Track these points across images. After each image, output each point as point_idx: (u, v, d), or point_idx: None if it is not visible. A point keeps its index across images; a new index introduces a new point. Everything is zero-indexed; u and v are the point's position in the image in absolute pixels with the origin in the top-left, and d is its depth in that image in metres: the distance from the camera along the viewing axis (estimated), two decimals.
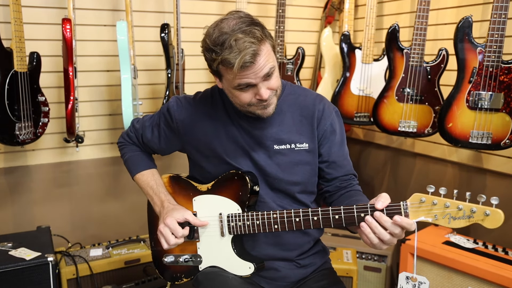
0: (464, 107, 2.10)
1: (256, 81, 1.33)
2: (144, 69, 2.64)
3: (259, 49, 1.30)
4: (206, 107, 1.56)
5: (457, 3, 2.45)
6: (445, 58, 2.27)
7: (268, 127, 1.49)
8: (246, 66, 1.29)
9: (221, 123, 1.53)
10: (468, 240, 2.25)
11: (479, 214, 1.23)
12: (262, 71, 1.32)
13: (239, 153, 1.51)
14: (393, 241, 1.28)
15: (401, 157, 2.91)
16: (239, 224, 1.45)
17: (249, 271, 1.47)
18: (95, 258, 2.29)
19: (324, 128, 1.51)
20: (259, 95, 1.36)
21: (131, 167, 1.70)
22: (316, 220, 1.34)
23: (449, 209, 1.22)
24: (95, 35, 2.50)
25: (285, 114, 1.51)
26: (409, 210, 1.24)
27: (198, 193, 1.55)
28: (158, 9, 2.63)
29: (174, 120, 1.57)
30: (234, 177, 1.48)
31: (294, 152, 1.50)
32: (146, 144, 1.68)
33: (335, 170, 1.54)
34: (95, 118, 2.58)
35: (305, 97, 1.54)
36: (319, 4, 3.11)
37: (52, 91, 2.42)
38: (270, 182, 1.51)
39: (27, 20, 2.24)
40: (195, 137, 1.56)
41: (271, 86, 1.37)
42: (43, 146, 2.46)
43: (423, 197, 1.23)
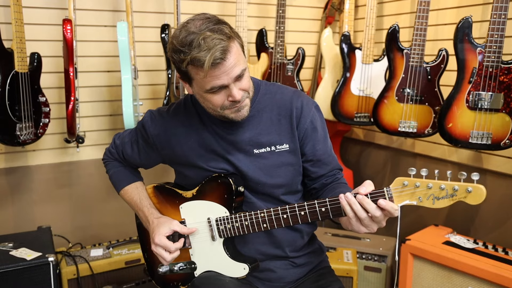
0: (464, 107, 2.11)
1: (228, 81, 1.30)
2: (145, 69, 2.64)
3: (229, 45, 1.27)
4: (179, 118, 1.53)
5: (457, 3, 2.45)
6: (445, 59, 2.27)
7: (245, 131, 1.46)
8: (216, 64, 1.25)
9: (195, 132, 1.50)
10: (468, 240, 2.25)
11: (461, 192, 1.20)
12: (234, 71, 1.29)
13: (219, 160, 1.49)
14: (372, 226, 1.27)
15: (401, 157, 2.92)
16: (228, 227, 1.45)
17: (244, 272, 1.47)
18: (95, 258, 2.29)
19: (304, 126, 1.46)
20: (232, 96, 1.32)
21: (115, 184, 1.70)
22: (303, 215, 1.33)
23: (432, 190, 1.21)
24: (95, 35, 2.50)
25: (261, 115, 1.47)
26: (393, 194, 1.24)
27: (184, 200, 1.54)
28: (159, 10, 2.63)
29: (149, 136, 1.55)
30: (218, 180, 1.47)
31: (275, 154, 1.46)
32: (128, 159, 1.67)
33: (321, 168, 1.52)
34: (96, 118, 2.58)
35: (282, 95, 1.49)
36: (319, 4, 3.11)
37: (53, 92, 2.42)
38: (253, 187, 1.49)
39: (28, 20, 2.25)
40: (171, 149, 1.53)
41: (242, 87, 1.34)
42: (43, 147, 2.47)
43: (406, 181, 1.24)
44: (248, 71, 1.38)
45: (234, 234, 1.45)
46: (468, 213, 2.52)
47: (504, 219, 2.35)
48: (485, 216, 2.44)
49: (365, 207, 1.25)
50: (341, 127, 2.95)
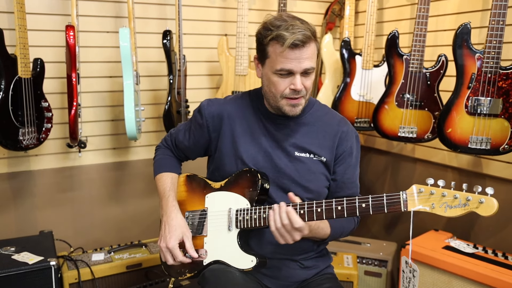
0: (463, 113, 2.12)
1: (296, 69, 1.43)
2: (147, 75, 2.66)
3: (310, 40, 1.42)
4: (235, 107, 1.64)
5: (456, 9, 2.47)
6: (444, 64, 2.29)
7: (292, 134, 1.59)
8: (295, 46, 1.39)
9: (248, 124, 1.61)
10: (468, 245, 2.26)
11: (474, 202, 1.27)
12: (305, 63, 1.43)
13: (261, 154, 1.59)
14: (283, 233, 1.41)
15: (401, 162, 2.93)
16: (246, 218, 1.52)
17: (251, 264, 1.51)
18: (97, 263, 2.30)
19: (344, 149, 1.61)
20: (294, 84, 1.44)
21: (155, 168, 1.77)
22: (319, 212, 1.40)
23: (446, 198, 1.27)
24: (98, 41, 2.52)
25: (311, 126, 1.60)
26: (408, 198, 1.31)
27: (211, 190, 1.64)
28: (161, 16, 2.66)
29: (204, 118, 1.64)
30: (246, 174, 1.56)
31: (312, 161, 1.59)
32: (178, 146, 1.77)
33: (342, 190, 1.64)
34: (98, 123, 2.60)
35: (331, 117, 1.66)
36: (320, 10, 3.13)
37: (56, 97, 2.44)
38: (287, 186, 1.58)
39: (31, 27, 2.27)
40: (222, 134, 1.62)
41: (305, 84, 1.46)
42: (46, 151, 2.48)
43: (422, 188, 1.29)
44: (315, 74, 1.53)
45: (250, 225, 1.51)
46: (468, 218, 2.52)
47: (504, 224, 2.35)
48: (485, 221, 2.45)
49: (281, 215, 1.40)
50: None
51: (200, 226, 1.62)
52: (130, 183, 2.76)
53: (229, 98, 1.69)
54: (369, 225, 3.17)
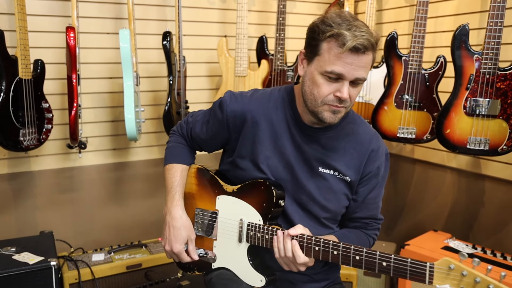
0: (462, 114, 2.13)
1: (347, 75, 1.28)
2: (147, 76, 2.67)
3: (372, 49, 1.28)
4: (261, 108, 1.49)
5: (455, 11, 2.49)
6: (443, 65, 2.30)
7: (320, 147, 1.47)
8: (356, 50, 1.25)
9: (273, 130, 1.48)
10: (467, 246, 2.27)
11: None
12: (359, 72, 1.29)
13: (282, 164, 1.48)
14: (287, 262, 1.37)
15: (400, 163, 2.94)
16: (258, 236, 1.44)
17: (260, 284, 1.46)
18: (97, 263, 2.31)
19: (370, 169, 1.49)
20: (340, 92, 1.30)
21: (166, 156, 1.67)
22: (335, 255, 1.30)
23: (479, 285, 1.10)
24: (98, 42, 2.53)
25: (340, 142, 1.48)
26: (435, 273, 1.15)
27: (223, 192, 1.55)
28: (160, 17, 2.67)
29: (224, 114, 1.50)
30: (261, 187, 1.46)
31: (335, 179, 1.48)
32: (194, 138, 1.65)
33: (361, 210, 1.55)
34: (98, 124, 2.61)
35: (364, 131, 1.51)
36: (319, 12, 3.14)
37: (56, 98, 2.45)
38: (304, 202, 1.49)
39: (32, 28, 2.28)
40: (243, 136, 1.50)
41: (352, 94, 1.33)
42: (46, 152, 2.49)
43: (452, 264, 1.13)
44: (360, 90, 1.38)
45: (261, 244, 1.44)
46: (467, 218, 2.54)
47: (502, 224, 2.36)
48: (484, 222, 2.46)
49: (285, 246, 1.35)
50: None
51: (210, 228, 1.57)
52: (130, 184, 2.77)
53: (257, 95, 1.53)
54: None
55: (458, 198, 2.59)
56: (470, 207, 2.53)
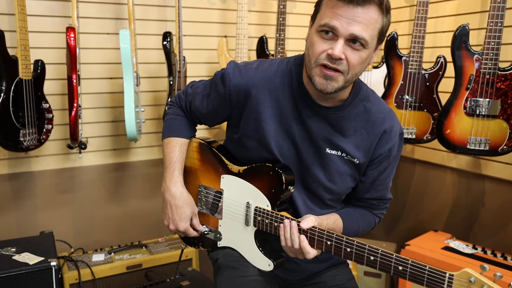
0: (462, 114, 2.13)
1: (341, 29, 1.18)
2: (147, 76, 2.67)
3: (372, 3, 1.18)
4: (267, 83, 1.39)
5: (455, 11, 2.49)
6: (443, 66, 2.30)
7: (329, 126, 1.38)
8: (351, 1, 1.16)
9: (278, 106, 1.39)
10: (467, 246, 2.27)
11: None
12: (353, 27, 1.17)
13: (288, 143, 1.41)
14: (293, 251, 1.33)
15: (401, 163, 2.92)
16: (266, 222, 1.39)
17: (268, 268, 1.43)
18: (97, 263, 2.31)
19: (382, 152, 1.40)
20: (332, 49, 1.19)
21: (165, 130, 1.59)
22: (348, 252, 1.25)
23: None
24: (98, 43, 2.53)
25: (350, 121, 1.38)
26: (454, 284, 1.10)
27: (228, 172, 1.49)
28: (161, 18, 2.67)
29: (227, 88, 1.41)
30: (269, 172, 1.39)
31: (342, 161, 1.40)
32: (193, 111, 1.56)
33: (369, 192, 1.49)
34: (98, 124, 2.61)
35: (378, 109, 1.40)
36: None
37: (56, 98, 2.45)
38: (308, 183, 1.43)
39: (32, 28, 2.28)
40: (246, 113, 1.42)
41: (349, 57, 1.21)
42: (46, 153, 2.49)
43: (473, 277, 1.08)
44: (368, 56, 1.25)
45: (269, 231, 1.39)
46: (468, 219, 2.54)
47: (503, 224, 2.36)
48: (484, 222, 2.46)
49: (292, 235, 1.31)
50: None
51: (214, 207, 1.52)
52: (130, 184, 2.77)
53: (263, 67, 1.42)
54: None
55: (458, 198, 2.59)
56: (470, 207, 2.53)
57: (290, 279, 1.57)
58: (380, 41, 1.27)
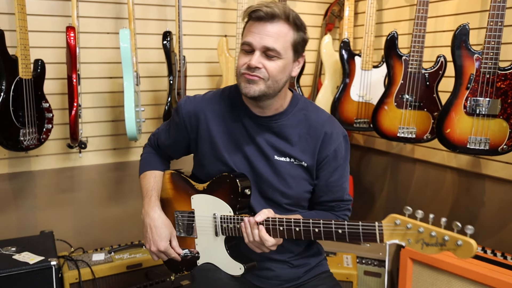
0: (462, 113, 2.13)
1: (255, 43, 1.38)
2: (147, 76, 2.68)
3: (279, 19, 1.37)
4: (214, 105, 1.58)
5: (455, 10, 2.48)
6: (443, 65, 2.29)
7: (274, 136, 1.52)
8: (260, 18, 1.37)
9: (227, 125, 1.55)
10: None
11: (451, 243, 1.18)
12: (266, 40, 1.37)
13: (239, 157, 1.54)
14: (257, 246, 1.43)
15: (401, 162, 2.93)
16: (230, 226, 1.50)
17: (239, 272, 1.53)
18: (97, 263, 2.31)
19: (327, 153, 1.52)
20: (250, 60, 1.38)
21: (140, 167, 1.74)
22: (298, 231, 1.37)
23: (423, 235, 1.19)
24: (98, 42, 2.53)
25: (293, 129, 1.52)
26: (384, 231, 1.24)
27: (196, 191, 1.61)
28: (161, 17, 2.67)
29: (181, 117, 1.59)
30: (226, 180, 1.52)
31: (292, 166, 1.52)
32: (161, 146, 1.73)
33: (325, 194, 1.58)
34: (98, 124, 2.61)
35: (317, 116, 1.55)
36: (320, 11, 3.15)
37: (56, 98, 2.45)
38: (264, 190, 1.54)
39: (32, 28, 2.28)
40: (200, 134, 1.58)
41: (267, 66, 1.39)
42: (46, 152, 2.49)
43: (398, 219, 1.22)
44: (286, 65, 1.42)
45: (235, 234, 1.50)
46: (467, 218, 2.54)
47: (502, 224, 2.36)
48: (484, 221, 2.46)
49: (252, 232, 1.41)
50: None
51: (190, 228, 1.63)
52: (131, 184, 2.77)
53: (209, 95, 1.62)
54: None
55: (458, 198, 2.59)
56: (470, 206, 2.52)
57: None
58: (298, 54, 1.45)
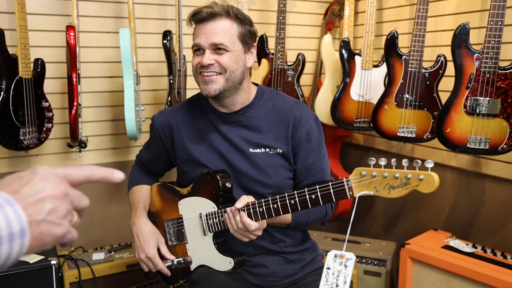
0: (462, 113, 2.13)
1: (203, 43, 1.45)
2: (147, 75, 2.67)
3: (221, 16, 1.44)
4: (183, 113, 1.64)
5: (455, 10, 2.48)
6: (443, 64, 2.29)
7: (245, 130, 1.56)
8: (202, 20, 1.45)
9: (198, 128, 1.61)
10: (467, 245, 2.27)
11: (414, 180, 1.19)
12: (212, 38, 1.43)
13: (216, 156, 1.58)
14: (242, 234, 1.45)
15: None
16: (216, 221, 1.54)
17: (230, 266, 1.54)
18: (97, 262, 2.31)
19: (299, 136, 1.55)
20: (202, 59, 1.45)
21: (128, 185, 1.82)
22: (276, 208, 1.41)
23: (387, 179, 1.21)
24: (98, 41, 2.53)
25: (262, 119, 1.56)
26: (352, 185, 1.27)
27: (181, 196, 1.65)
28: (161, 17, 2.67)
29: (155, 130, 1.66)
30: (207, 177, 1.56)
31: (268, 156, 1.56)
32: (144, 163, 1.81)
33: (307, 178, 1.60)
34: (98, 123, 2.61)
35: (284, 103, 1.59)
36: (320, 11, 3.14)
37: (56, 97, 2.45)
38: (245, 184, 1.58)
39: (32, 27, 2.27)
40: (175, 143, 1.64)
41: (220, 61, 1.45)
42: (46, 151, 2.49)
43: (363, 171, 1.24)
44: (237, 57, 1.48)
45: (221, 228, 1.53)
46: (468, 217, 2.54)
47: (502, 223, 2.36)
48: (484, 221, 2.46)
49: (235, 220, 1.44)
50: (341, 132, 2.97)
51: (180, 234, 1.65)
52: None
53: (178, 105, 1.69)
54: (369, 225, 3.18)
55: (459, 197, 2.59)
56: (470, 206, 2.53)
57: (265, 286, 1.63)
58: (247, 45, 1.52)
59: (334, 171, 2.96)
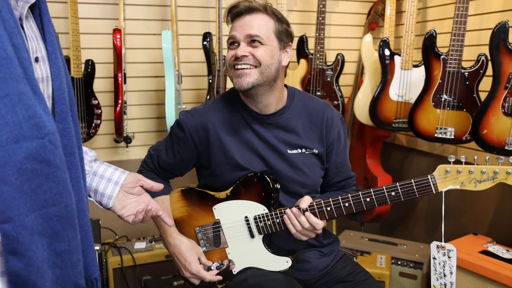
0: (500, 114, 2.05)
1: (239, 36, 1.46)
2: (190, 75, 2.79)
3: (256, 11, 1.47)
4: (218, 114, 1.58)
5: (502, 7, 2.39)
6: (484, 64, 2.22)
7: (281, 131, 1.57)
8: (239, 14, 1.47)
9: (236, 129, 1.57)
10: (507, 251, 2.19)
11: (502, 174, 1.31)
12: (248, 30, 1.45)
13: (254, 158, 1.57)
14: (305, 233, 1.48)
15: (443, 164, 2.85)
16: (268, 223, 1.53)
17: (287, 265, 1.55)
18: (138, 251, 2.45)
19: (333, 136, 1.61)
20: (236, 52, 1.46)
21: None
22: (347, 206, 1.45)
23: (474, 174, 1.33)
24: (144, 43, 2.68)
25: (297, 120, 1.59)
26: (437, 181, 1.36)
27: (217, 201, 1.59)
28: (203, 19, 2.77)
29: (186, 132, 1.57)
30: (254, 180, 1.54)
31: (305, 156, 1.59)
32: (163, 167, 1.68)
33: (336, 175, 1.68)
34: (144, 120, 2.76)
35: (315, 104, 1.63)
36: (363, 10, 3.13)
37: (105, 95, 2.62)
38: (284, 185, 1.59)
39: (84, 30, 2.46)
40: (211, 145, 1.57)
41: (254, 53, 1.45)
42: (96, 146, 2.67)
43: (448, 168, 1.34)
44: (273, 52, 1.48)
45: (275, 230, 1.53)
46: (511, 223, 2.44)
47: None
48: None
49: (299, 220, 1.46)
50: (381, 132, 2.94)
51: (217, 239, 1.60)
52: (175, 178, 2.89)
53: (209, 105, 1.62)
54: (410, 227, 3.12)
55: (503, 202, 2.49)
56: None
57: (307, 280, 1.66)
58: (283, 42, 1.52)
59: (373, 171, 2.93)
